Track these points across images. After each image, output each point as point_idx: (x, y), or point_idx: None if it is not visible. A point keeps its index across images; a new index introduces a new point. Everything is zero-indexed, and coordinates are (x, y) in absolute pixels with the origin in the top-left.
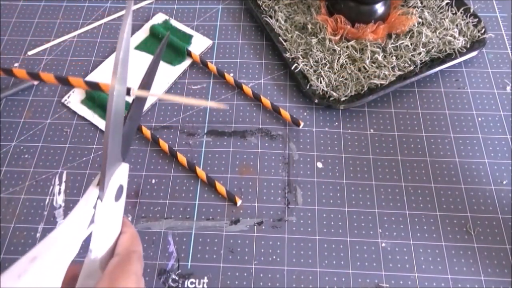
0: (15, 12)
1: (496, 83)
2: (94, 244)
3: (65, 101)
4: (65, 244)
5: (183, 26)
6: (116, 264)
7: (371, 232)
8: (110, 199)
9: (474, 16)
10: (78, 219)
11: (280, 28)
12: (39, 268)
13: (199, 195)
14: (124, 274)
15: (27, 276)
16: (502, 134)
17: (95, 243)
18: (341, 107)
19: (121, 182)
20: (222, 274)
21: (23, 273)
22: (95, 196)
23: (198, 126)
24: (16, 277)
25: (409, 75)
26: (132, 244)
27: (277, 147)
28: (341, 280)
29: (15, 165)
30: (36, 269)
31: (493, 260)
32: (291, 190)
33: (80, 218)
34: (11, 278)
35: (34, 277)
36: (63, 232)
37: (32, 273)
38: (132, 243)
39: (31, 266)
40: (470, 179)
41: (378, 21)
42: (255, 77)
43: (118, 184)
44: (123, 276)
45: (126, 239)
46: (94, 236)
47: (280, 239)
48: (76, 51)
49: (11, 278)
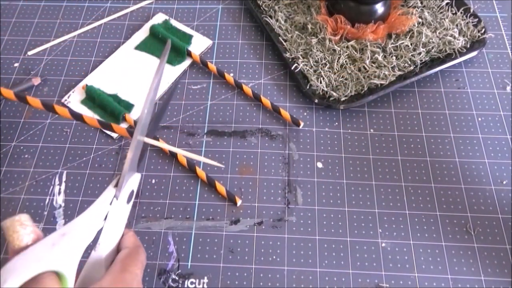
0: (15, 12)
1: (496, 83)
2: (103, 238)
3: (65, 101)
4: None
5: (183, 26)
6: (127, 253)
7: (371, 232)
8: (124, 200)
9: (474, 16)
10: (97, 210)
11: (280, 28)
12: (67, 242)
13: (199, 195)
14: (133, 261)
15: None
16: (502, 134)
17: (105, 236)
18: (341, 107)
19: (133, 188)
20: (222, 274)
21: (56, 243)
22: (112, 194)
23: (198, 126)
24: (50, 246)
25: (409, 75)
26: (137, 240)
27: (277, 147)
28: (341, 280)
29: (15, 165)
30: (65, 242)
31: (493, 260)
32: (291, 190)
33: (99, 210)
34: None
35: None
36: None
37: (62, 245)
38: (136, 239)
39: (62, 240)
40: (470, 179)
41: (378, 21)
42: (255, 77)
43: (131, 189)
44: (133, 263)
45: (132, 236)
46: (105, 230)
47: (280, 239)
48: (76, 51)
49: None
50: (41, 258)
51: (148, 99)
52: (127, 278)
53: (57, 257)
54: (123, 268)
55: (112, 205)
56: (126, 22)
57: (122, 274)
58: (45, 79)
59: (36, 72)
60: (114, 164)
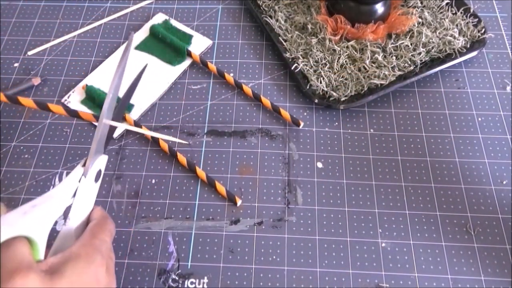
0: (15, 12)
1: (496, 83)
2: (73, 213)
3: (65, 101)
4: (56, 201)
5: (183, 26)
6: (95, 223)
7: (371, 232)
8: (91, 178)
9: (474, 16)
10: (67, 187)
11: (280, 28)
12: (38, 211)
13: (199, 195)
14: (102, 229)
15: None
16: (502, 134)
17: (74, 211)
18: (341, 107)
19: (101, 168)
20: (222, 274)
21: (28, 212)
22: (81, 173)
23: (198, 126)
24: (22, 214)
25: (409, 75)
26: (104, 213)
27: (277, 147)
28: (341, 280)
29: (15, 165)
30: (36, 212)
31: (493, 260)
32: (291, 190)
33: (68, 186)
34: (18, 214)
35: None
36: (55, 194)
37: (33, 214)
38: (104, 212)
39: (33, 210)
40: (470, 179)
41: (378, 21)
42: (255, 77)
43: (98, 168)
44: (101, 231)
45: (99, 210)
46: (75, 205)
47: (280, 239)
48: (76, 51)
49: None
50: (13, 223)
51: (113, 85)
52: (96, 243)
53: (28, 224)
54: (92, 236)
55: (80, 182)
56: (126, 22)
57: (92, 240)
58: (45, 79)
59: (36, 72)
60: (114, 164)
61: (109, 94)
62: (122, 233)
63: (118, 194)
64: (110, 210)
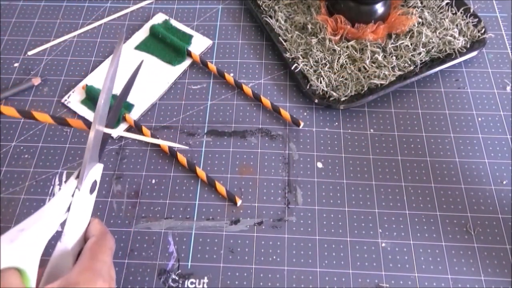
0: (15, 12)
1: (496, 83)
2: (68, 228)
3: (65, 101)
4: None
5: (183, 26)
6: (94, 242)
7: (371, 232)
8: (86, 190)
9: (474, 16)
10: (59, 203)
11: (280, 28)
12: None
13: (199, 195)
14: (102, 248)
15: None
16: (502, 134)
17: (69, 227)
18: (341, 107)
19: (96, 178)
20: (222, 274)
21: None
22: (74, 186)
23: (198, 126)
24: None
25: (409, 75)
26: (103, 227)
27: (277, 147)
28: (341, 280)
29: (15, 165)
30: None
31: (493, 260)
32: (291, 190)
33: (61, 202)
34: (5, 242)
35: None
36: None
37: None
38: (102, 226)
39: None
40: (470, 179)
41: (378, 21)
42: (255, 77)
43: (93, 179)
44: (101, 250)
45: (97, 223)
46: (69, 221)
47: (280, 239)
48: (76, 51)
49: (4, 242)
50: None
51: (104, 89)
52: (97, 266)
53: (17, 253)
54: (91, 257)
55: (74, 196)
56: (126, 22)
57: (91, 263)
58: (45, 79)
59: (36, 72)
60: (114, 164)
61: (100, 99)
62: (122, 233)
63: (118, 194)
64: (110, 210)
